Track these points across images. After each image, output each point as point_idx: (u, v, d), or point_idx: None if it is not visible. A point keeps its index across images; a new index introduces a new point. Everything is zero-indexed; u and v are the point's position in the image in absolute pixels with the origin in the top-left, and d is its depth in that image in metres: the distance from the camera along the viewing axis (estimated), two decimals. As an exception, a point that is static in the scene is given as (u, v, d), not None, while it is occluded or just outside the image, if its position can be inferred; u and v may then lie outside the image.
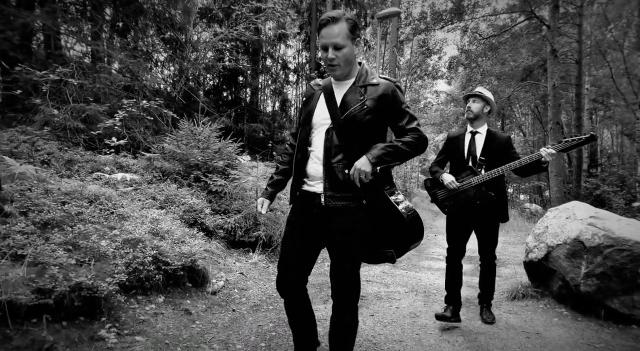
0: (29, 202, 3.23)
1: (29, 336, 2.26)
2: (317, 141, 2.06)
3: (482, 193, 3.32)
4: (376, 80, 2.03)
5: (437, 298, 4.39)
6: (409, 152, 2.00)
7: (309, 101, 2.17)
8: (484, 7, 19.34)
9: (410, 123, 2.04)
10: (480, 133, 3.47)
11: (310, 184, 2.09)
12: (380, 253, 2.11)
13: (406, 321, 3.61)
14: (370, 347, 2.99)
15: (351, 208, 1.99)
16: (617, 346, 3.21)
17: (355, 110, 1.96)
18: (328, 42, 1.91)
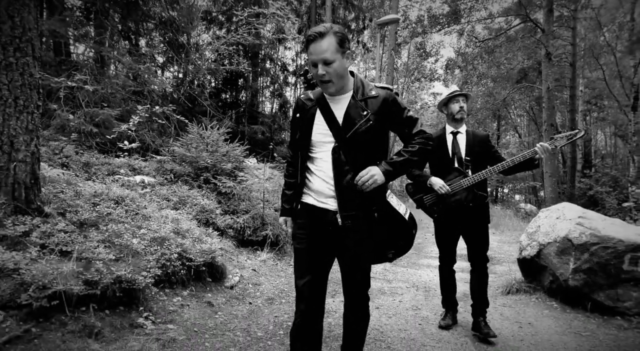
0: (64, 203, 3.52)
1: (81, 322, 2.56)
2: (322, 160, 2.00)
3: (475, 195, 3.23)
4: (375, 91, 1.98)
5: (437, 294, 4.70)
6: (418, 161, 2.02)
7: (303, 117, 2.06)
8: (480, 10, 19.70)
9: (415, 126, 2.03)
10: (462, 133, 3.39)
11: (317, 199, 2.03)
12: (382, 255, 2.14)
13: (409, 314, 3.93)
14: (377, 336, 3.30)
15: (364, 221, 1.98)
16: (601, 334, 3.53)
17: (361, 126, 1.91)
18: (317, 59, 1.85)
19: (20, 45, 3.13)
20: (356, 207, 1.95)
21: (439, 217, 3.39)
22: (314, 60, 1.87)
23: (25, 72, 3.17)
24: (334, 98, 2.00)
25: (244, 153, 7.35)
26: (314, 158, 2.03)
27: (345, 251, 2.02)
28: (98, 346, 2.49)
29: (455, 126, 3.40)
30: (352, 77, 2.03)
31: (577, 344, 3.29)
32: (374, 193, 1.96)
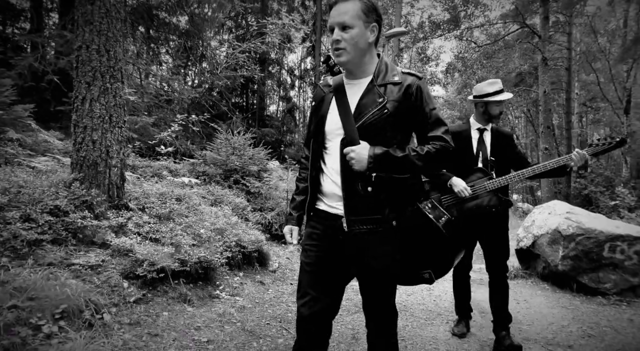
0: (140, 200, 4.27)
1: (177, 291, 3.32)
2: (333, 155, 1.73)
3: (500, 200, 2.93)
4: (398, 77, 1.68)
5: (447, 277, 5.46)
6: (422, 166, 1.66)
7: (319, 106, 1.81)
8: (479, 17, 20.52)
9: (436, 129, 1.69)
10: (488, 131, 3.08)
11: (328, 204, 1.76)
12: (416, 275, 1.80)
13: (424, 293, 4.69)
14: (401, 308, 4.06)
15: (379, 232, 1.67)
16: (583, 308, 4.30)
17: (373, 116, 1.63)
18: (334, 21, 1.62)
19: (114, 73, 3.89)
20: (366, 211, 1.66)
21: (457, 221, 2.88)
22: (331, 24, 1.64)
23: (116, 94, 3.92)
24: (352, 83, 1.74)
25: (267, 156, 8.12)
26: (326, 155, 1.76)
27: (361, 269, 1.74)
28: (191, 309, 3.25)
29: (484, 124, 3.08)
30: (377, 59, 1.75)
31: (562, 315, 4.05)
32: (395, 196, 1.68)
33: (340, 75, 1.79)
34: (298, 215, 1.92)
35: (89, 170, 3.76)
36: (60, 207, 3.32)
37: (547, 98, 16.47)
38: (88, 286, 2.80)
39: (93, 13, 3.74)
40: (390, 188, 1.67)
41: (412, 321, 3.72)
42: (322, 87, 1.85)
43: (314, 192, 1.81)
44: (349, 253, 1.72)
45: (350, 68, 1.71)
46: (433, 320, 3.77)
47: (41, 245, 3.04)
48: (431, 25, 20.23)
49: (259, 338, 3.03)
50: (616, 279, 4.74)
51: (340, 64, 1.69)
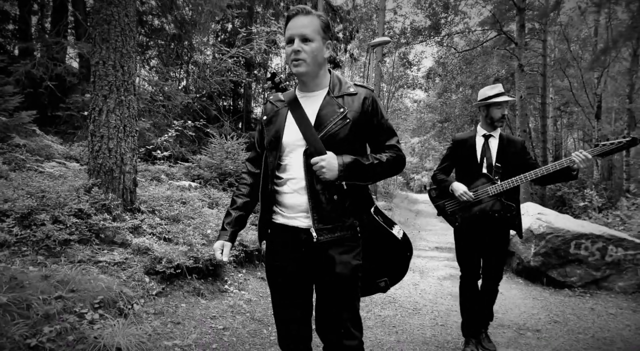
0: (149, 203, 4.60)
1: (191, 285, 3.69)
2: (294, 167, 1.70)
3: (502, 205, 2.90)
4: (353, 88, 1.73)
5: (430, 274, 5.93)
6: (382, 173, 1.72)
7: (273, 120, 1.79)
8: (459, 24, 21.24)
9: (390, 138, 1.77)
10: (494, 137, 3.04)
11: (289, 216, 1.72)
12: (372, 283, 1.81)
13: (411, 287, 5.14)
14: (391, 301, 4.49)
15: (347, 238, 1.69)
16: (551, 299, 4.80)
17: (336, 125, 1.65)
18: (295, 33, 1.63)
19: (127, 87, 4.22)
20: (333, 219, 1.66)
21: (461, 226, 3.07)
22: (291, 35, 1.64)
23: (130, 106, 4.26)
24: (307, 97, 1.75)
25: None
26: (285, 166, 1.74)
27: (325, 279, 1.68)
28: (205, 302, 3.62)
29: (490, 129, 3.05)
30: (329, 74, 1.79)
31: (533, 305, 4.55)
32: (355, 203, 1.72)
33: (292, 90, 1.82)
34: (233, 231, 1.84)
35: (106, 176, 4.09)
36: (84, 210, 3.65)
37: (524, 103, 17.16)
38: (117, 281, 3.15)
39: (109, 32, 4.07)
40: (351, 195, 1.69)
41: (401, 311, 4.16)
42: (273, 102, 1.84)
43: (270, 206, 1.76)
44: (314, 264, 1.69)
45: (306, 80, 1.72)
46: (419, 310, 4.21)
47: (70, 244, 3.38)
48: (413, 32, 20.84)
49: (267, 326, 3.42)
50: (581, 273, 5.27)
51: (298, 74, 1.69)
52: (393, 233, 1.77)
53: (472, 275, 3.13)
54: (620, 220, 8.41)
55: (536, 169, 2.84)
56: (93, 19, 4.15)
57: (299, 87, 1.80)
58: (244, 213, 1.85)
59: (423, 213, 19.35)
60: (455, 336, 3.52)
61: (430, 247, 8.79)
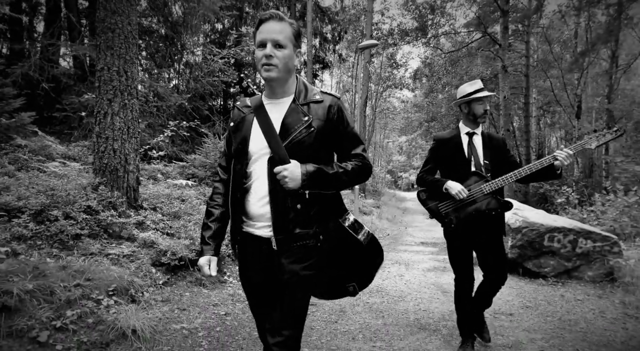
0: (151, 201, 4.87)
1: (194, 276, 3.98)
2: (258, 174, 1.69)
3: (499, 202, 2.85)
4: (319, 96, 1.72)
5: (415, 266, 6.29)
6: (348, 181, 1.71)
7: (239, 126, 1.78)
8: (445, 25, 21.72)
9: (356, 147, 1.75)
10: (477, 134, 2.98)
11: (253, 225, 1.71)
12: (340, 288, 1.81)
13: (397, 278, 5.49)
14: (378, 290, 4.84)
15: (308, 248, 1.67)
16: (526, 287, 5.19)
17: (300, 134, 1.64)
18: (268, 38, 1.60)
19: (131, 91, 4.49)
20: (297, 228, 1.65)
21: (456, 227, 2.94)
22: (263, 39, 1.61)
23: (133, 109, 4.53)
24: (273, 103, 1.73)
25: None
26: (250, 175, 1.71)
27: (284, 283, 1.68)
28: (207, 291, 3.92)
29: (472, 126, 2.99)
30: (296, 81, 1.77)
31: (508, 292, 4.93)
32: (322, 212, 1.70)
33: (258, 96, 1.78)
34: (216, 245, 1.80)
35: (111, 175, 4.36)
36: (92, 207, 3.92)
37: (507, 103, 17.70)
38: (127, 271, 3.44)
39: (114, 39, 4.34)
40: (316, 204, 1.68)
41: (387, 298, 4.50)
42: (240, 108, 1.82)
43: (239, 215, 1.74)
44: (279, 271, 1.67)
45: (275, 86, 1.70)
46: (404, 298, 4.56)
47: (81, 238, 3.65)
48: (400, 33, 21.25)
49: (264, 312, 3.75)
50: (554, 264, 5.67)
51: (268, 80, 1.66)
52: (359, 239, 1.74)
53: (468, 277, 3.04)
54: (595, 215, 8.88)
55: (525, 166, 2.81)
56: (98, 26, 4.40)
57: (265, 93, 1.77)
58: (222, 224, 1.81)
59: (410, 211, 19.81)
60: (437, 320, 3.87)
61: (416, 242, 9.17)
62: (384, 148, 41.37)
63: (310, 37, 17.98)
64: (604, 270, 5.50)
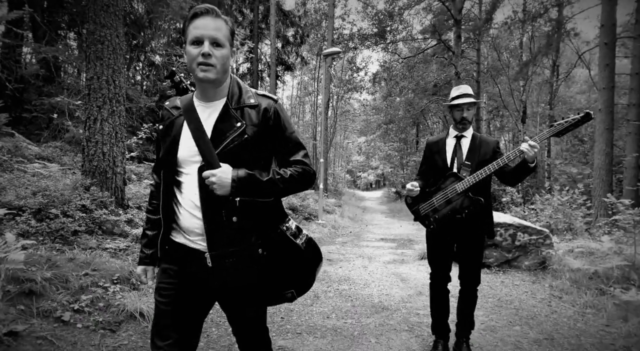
0: (135, 200, 5.22)
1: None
2: (189, 184, 1.57)
3: (471, 200, 2.80)
4: (254, 99, 1.61)
5: (377, 259, 6.93)
6: (285, 189, 1.59)
7: (168, 130, 1.64)
8: (402, 32, 22.74)
9: (296, 153, 1.64)
10: (466, 137, 2.98)
11: (187, 237, 1.59)
12: (278, 295, 1.71)
13: (362, 270, 6.11)
14: (346, 279, 5.42)
15: (245, 261, 1.58)
16: (473, 275, 5.94)
17: (233, 141, 1.52)
18: (206, 35, 1.47)
19: (118, 99, 4.84)
20: (233, 242, 1.55)
21: (435, 228, 2.97)
22: (200, 35, 1.48)
23: (120, 115, 4.87)
24: (204, 106, 1.61)
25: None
26: (181, 184, 1.60)
27: (225, 299, 1.65)
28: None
29: (460, 130, 2.99)
30: (229, 81, 1.66)
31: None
32: (258, 223, 1.61)
33: (189, 96, 1.65)
34: (152, 253, 1.72)
35: (100, 176, 4.70)
36: (86, 206, 4.26)
37: (459, 108, 18.81)
38: (125, 263, 3.83)
39: (103, 51, 4.68)
40: (255, 215, 1.58)
41: (354, 285, 5.10)
42: (169, 109, 1.67)
43: (169, 223, 1.63)
44: (212, 287, 1.60)
45: (208, 88, 1.57)
46: (369, 285, 5.18)
47: (79, 234, 4.00)
48: (360, 38, 22.06)
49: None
50: (497, 255, 6.47)
51: (206, 81, 1.51)
52: (300, 247, 1.65)
53: (442, 276, 3.10)
54: (535, 212, 9.91)
55: (497, 159, 2.74)
56: (88, 38, 4.72)
57: (196, 94, 1.62)
58: (158, 232, 1.69)
59: (370, 209, 20.67)
60: (397, 302, 4.49)
61: (376, 238, 9.86)
62: (344, 149, 42.31)
63: (273, 39, 18.40)
64: (538, 259, 6.34)
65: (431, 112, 27.97)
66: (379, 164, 41.55)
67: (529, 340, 3.50)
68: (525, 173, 2.68)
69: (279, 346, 3.20)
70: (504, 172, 2.76)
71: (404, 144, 30.79)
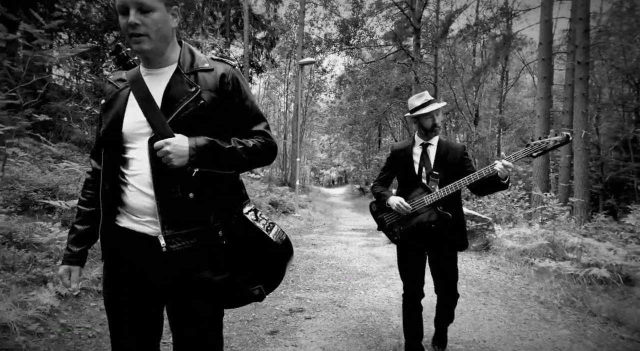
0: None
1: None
2: (138, 160, 1.39)
3: (438, 214, 2.71)
4: (209, 63, 1.45)
5: (353, 244, 8.28)
6: (248, 161, 1.43)
7: (112, 103, 1.46)
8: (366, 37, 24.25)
9: (257, 123, 1.48)
10: (432, 145, 2.87)
11: (135, 220, 1.42)
12: (244, 293, 1.50)
13: (343, 251, 7.43)
14: (333, 257, 6.71)
15: (203, 246, 1.38)
16: (432, 254, 7.40)
17: (187, 108, 1.36)
18: (128, 1, 1.29)
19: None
20: (187, 223, 1.36)
21: (400, 240, 2.86)
22: (123, 3, 1.30)
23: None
24: (152, 74, 1.44)
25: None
26: (128, 161, 1.42)
27: (178, 294, 1.41)
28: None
29: (426, 138, 2.87)
30: (179, 46, 1.49)
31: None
32: (219, 201, 1.42)
33: (136, 68, 1.48)
34: (81, 251, 1.53)
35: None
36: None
37: (418, 111, 20.47)
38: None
39: None
40: (213, 191, 1.41)
41: (340, 261, 6.44)
42: (113, 82, 1.51)
43: (112, 209, 1.46)
44: (166, 277, 1.40)
45: (151, 57, 1.41)
46: (352, 260, 6.52)
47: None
48: (327, 42, 23.40)
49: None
50: (451, 238, 7.94)
51: (141, 53, 1.38)
52: (269, 237, 1.49)
53: (414, 291, 2.82)
54: (483, 205, 11.58)
55: (469, 175, 2.62)
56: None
57: (142, 64, 1.48)
58: (92, 225, 1.54)
59: (336, 205, 22.13)
60: (375, 271, 5.82)
61: (348, 229, 11.23)
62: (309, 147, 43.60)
63: (247, 43, 19.36)
64: (483, 241, 7.87)
65: (392, 113, 29.78)
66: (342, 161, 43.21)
67: (471, 293, 4.89)
68: (497, 189, 2.65)
69: (296, 297, 4.45)
70: (475, 185, 2.67)
71: (367, 143, 32.50)
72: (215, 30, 22.97)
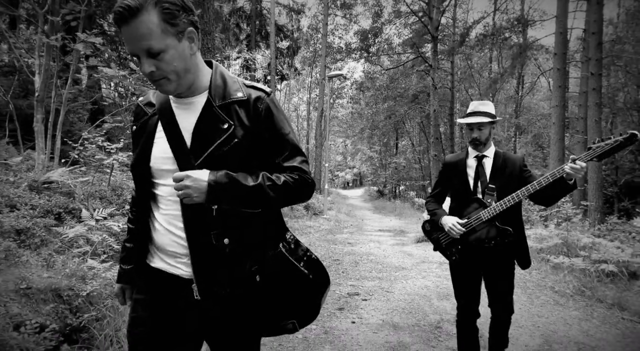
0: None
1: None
2: (168, 199, 1.32)
3: (498, 230, 2.51)
4: (242, 92, 1.31)
5: (384, 243, 9.16)
6: (277, 199, 1.28)
7: (141, 131, 1.37)
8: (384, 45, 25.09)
9: (292, 159, 1.34)
10: (488, 157, 2.67)
11: (166, 260, 1.35)
12: (276, 326, 1.43)
13: (377, 249, 8.32)
14: (370, 253, 7.60)
15: (240, 292, 1.32)
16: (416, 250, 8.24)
17: (219, 149, 1.25)
18: (135, 49, 1.17)
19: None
20: (225, 269, 1.28)
21: (458, 260, 2.72)
22: (132, 51, 1.19)
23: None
24: (182, 103, 1.33)
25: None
26: (157, 197, 1.35)
27: (214, 338, 1.39)
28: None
29: (480, 150, 2.68)
30: (208, 68, 1.36)
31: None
32: (254, 244, 1.33)
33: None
34: (131, 269, 1.48)
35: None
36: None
37: (436, 115, 21.25)
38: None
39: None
40: (249, 232, 1.31)
41: (378, 257, 7.34)
42: (142, 106, 1.41)
43: (144, 242, 1.40)
44: (201, 321, 1.35)
45: (180, 91, 1.28)
46: (388, 257, 7.41)
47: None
48: (347, 51, 24.34)
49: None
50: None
51: (167, 94, 1.29)
52: (304, 272, 1.38)
53: (470, 311, 2.73)
54: (501, 207, 12.33)
55: (529, 184, 2.44)
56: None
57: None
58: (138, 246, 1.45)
59: (357, 207, 23.01)
60: (410, 265, 6.69)
61: (375, 229, 12.10)
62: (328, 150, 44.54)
63: (273, 54, 20.38)
64: (503, 240, 8.68)
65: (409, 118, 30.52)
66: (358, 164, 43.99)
67: (496, 283, 5.73)
68: (564, 193, 2.42)
69: (350, 284, 5.36)
70: (538, 193, 2.45)
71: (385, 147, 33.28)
72: (241, 40, 24.15)
